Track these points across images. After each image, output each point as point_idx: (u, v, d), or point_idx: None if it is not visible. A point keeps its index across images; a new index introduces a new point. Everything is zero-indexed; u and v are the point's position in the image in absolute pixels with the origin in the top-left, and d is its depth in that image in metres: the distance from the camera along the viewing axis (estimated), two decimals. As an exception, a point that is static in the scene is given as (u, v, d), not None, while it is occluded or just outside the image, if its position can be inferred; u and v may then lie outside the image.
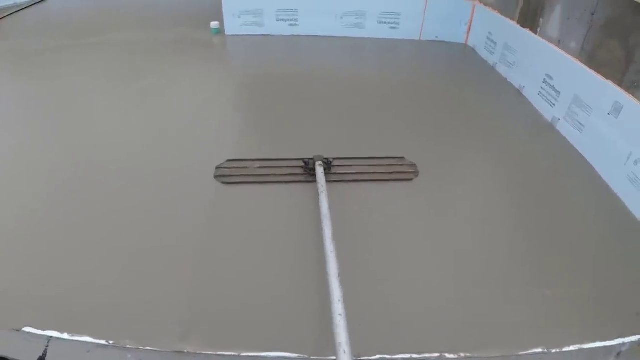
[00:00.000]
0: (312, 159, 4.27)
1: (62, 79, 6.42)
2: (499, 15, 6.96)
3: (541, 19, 5.75)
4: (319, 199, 3.70)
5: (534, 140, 5.17)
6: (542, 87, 5.59)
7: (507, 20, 6.65)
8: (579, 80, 4.92)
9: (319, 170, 4.07)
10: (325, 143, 4.79)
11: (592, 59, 4.78)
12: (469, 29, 8.07)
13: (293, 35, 8.13)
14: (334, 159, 4.34)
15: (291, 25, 8.09)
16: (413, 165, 4.52)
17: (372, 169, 4.43)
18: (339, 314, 2.44)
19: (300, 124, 5.36)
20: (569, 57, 5.11)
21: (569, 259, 3.50)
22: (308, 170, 4.22)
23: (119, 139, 4.96)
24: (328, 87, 6.38)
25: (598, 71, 4.64)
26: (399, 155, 4.66)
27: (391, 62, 7.50)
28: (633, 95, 4.12)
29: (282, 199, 4.05)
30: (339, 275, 2.76)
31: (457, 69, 7.39)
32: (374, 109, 5.79)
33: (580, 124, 4.84)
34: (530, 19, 6.04)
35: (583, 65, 4.87)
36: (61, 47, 7.76)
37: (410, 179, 4.35)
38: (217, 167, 4.37)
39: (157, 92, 6.06)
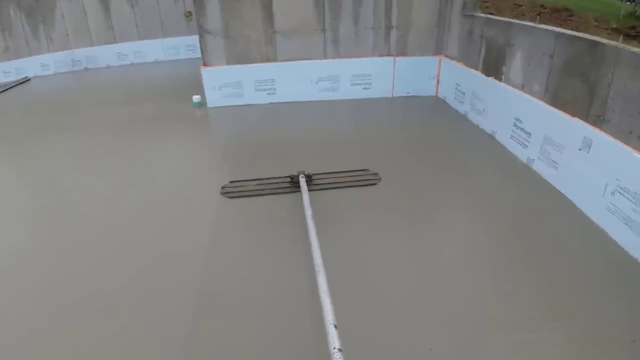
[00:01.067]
0: (296, 175, 5.23)
1: (56, 159, 6.56)
2: (463, 66, 7.38)
3: (503, 67, 6.11)
4: (302, 199, 4.72)
5: (511, 179, 5.34)
6: (513, 131, 5.84)
7: (472, 70, 7.05)
8: (546, 121, 5.17)
9: (302, 181, 5.11)
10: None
11: (556, 99, 5.05)
12: (438, 81, 8.49)
13: (272, 103, 8.45)
14: (313, 174, 5.30)
15: (269, 94, 8.43)
16: (376, 174, 5.48)
17: (343, 179, 5.41)
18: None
19: (285, 165, 5.67)
20: (534, 99, 5.40)
21: (559, 295, 3.52)
22: (293, 183, 5.20)
23: (125, 198, 5.29)
24: (308, 138, 6.80)
25: (564, 109, 4.90)
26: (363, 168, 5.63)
27: (365, 117, 7.80)
28: (600, 129, 4.34)
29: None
30: (319, 246, 3.64)
31: (429, 119, 7.72)
32: (351, 153, 6.19)
33: (554, 162, 5.03)
34: (493, 67, 6.41)
35: (548, 106, 5.15)
36: (47, 127, 7.94)
37: (375, 184, 5.32)
38: (222, 187, 5.28)
39: (152, 159, 6.35)
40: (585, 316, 3.31)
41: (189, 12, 13.90)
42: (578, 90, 4.67)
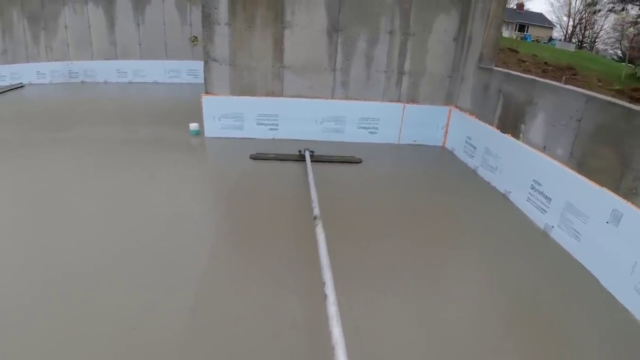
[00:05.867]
0: (303, 150, 7.11)
1: (42, 171, 6.11)
2: (476, 120, 7.11)
3: (522, 125, 5.83)
4: (306, 166, 6.53)
5: (526, 245, 4.94)
6: (530, 193, 5.50)
7: (486, 125, 6.77)
8: (570, 187, 4.83)
9: (307, 154, 6.98)
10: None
11: (583, 166, 4.73)
12: (446, 132, 8.22)
13: (274, 139, 8.07)
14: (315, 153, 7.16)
15: (271, 129, 8.08)
16: (359, 158, 7.31)
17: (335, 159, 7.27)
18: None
19: (286, 207, 5.11)
20: (557, 163, 5.08)
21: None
22: (301, 156, 7.08)
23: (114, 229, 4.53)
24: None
25: (591, 178, 4.57)
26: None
27: (369, 162, 7.42)
28: (632, 203, 4.00)
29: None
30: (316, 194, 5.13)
31: (437, 170, 7.39)
32: (351, 196, 5.87)
33: (577, 232, 4.67)
34: (510, 124, 6.13)
35: (573, 172, 4.82)
36: (33, 140, 7.51)
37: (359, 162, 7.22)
38: (250, 155, 7.15)
39: (141, 189, 5.72)
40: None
41: (195, 37, 13.74)
42: (609, 160, 4.35)
